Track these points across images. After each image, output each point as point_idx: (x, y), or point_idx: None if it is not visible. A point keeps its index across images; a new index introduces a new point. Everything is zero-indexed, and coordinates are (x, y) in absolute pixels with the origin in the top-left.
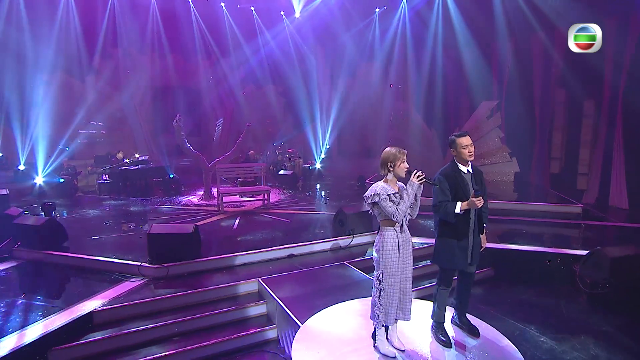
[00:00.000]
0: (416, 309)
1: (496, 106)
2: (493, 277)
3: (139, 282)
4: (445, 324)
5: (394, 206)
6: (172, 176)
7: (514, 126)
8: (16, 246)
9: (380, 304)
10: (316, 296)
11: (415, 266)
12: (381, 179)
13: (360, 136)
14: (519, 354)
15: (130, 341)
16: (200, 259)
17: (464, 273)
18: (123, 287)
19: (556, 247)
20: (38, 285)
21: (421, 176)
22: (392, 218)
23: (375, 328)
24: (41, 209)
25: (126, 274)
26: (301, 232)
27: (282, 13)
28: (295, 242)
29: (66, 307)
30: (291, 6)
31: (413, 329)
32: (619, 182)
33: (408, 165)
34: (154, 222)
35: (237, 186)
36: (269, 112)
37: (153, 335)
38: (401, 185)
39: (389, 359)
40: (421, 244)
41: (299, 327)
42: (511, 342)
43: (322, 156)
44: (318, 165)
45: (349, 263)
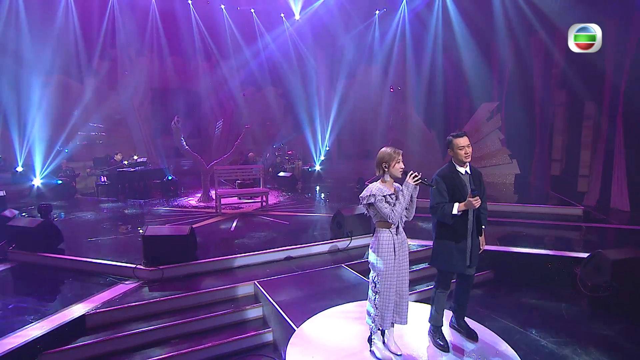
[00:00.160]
0: (413, 313)
1: (496, 108)
2: (493, 280)
3: (134, 285)
4: (443, 328)
5: (390, 207)
6: (171, 178)
7: (514, 128)
8: (11, 248)
9: (376, 307)
10: (313, 299)
11: (413, 269)
12: (378, 180)
13: (360, 138)
14: (519, 359)
15: (123, 345)
16: (196, 262)
17: (463, 276)
18: (117, 290)
19: (557, 250)
20: (31, 287)
21: (417, 177)
22: (388, 219)
23: (371, 332)
24: (37, 211)
25: (121, 277)
26: (299, 234)
27: (282, 15)
28: (293, 244)
29: (58, 310)
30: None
31: (410, 333)
32: (620, 184)
33: (404, 165)
34: (151, 224)
35: (236, 188)
36: (269, 114)
37: (146, 338)
38: (397, 186)
39: None
40: (419, 247)
41: (294, 331)
42: (510, 347)
43: (322, 158)
44: (317, 167)
45: (347, 265)
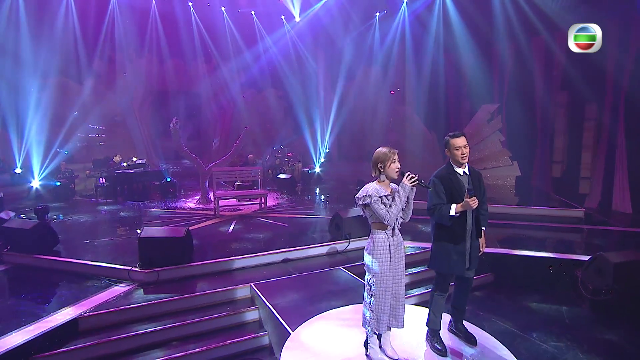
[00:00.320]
0: (411, 316)
1: (497, 109)
2: (493, 283)
3: (128, 287)
4: (441, 332)
5: (386, 209)
6: (170, 180)
7: (515, 129)
8: (5, 250)
9: (371, 311)
10: (309, 302)
11: (412, 271)
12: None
13: (360, 140)
14: None
15: (116, 348)
16: (192, 264)
17: (462, 278)
18: (111, 293)
19: (558, 252)
20: (24, 290)
21: (414, 178)
22: (384, 221)
23: (367, 336)
24: (34, 213)
25: (116, 279)
26: (297, 236)
27: (283, 17)
28: (290, 247)
29: (50, 313)
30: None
31: (407, 337)
32: (622, 186)
33: (400, 165)
34: (148, 226)
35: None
36: (269, 116)
37: (140, 342)
38: (394, 187)
39: None
40: (418, 249)
41: (290, 335)
42: (510, 351)
43: (322, 160)
44: (317, 169)
45: (345, 268)
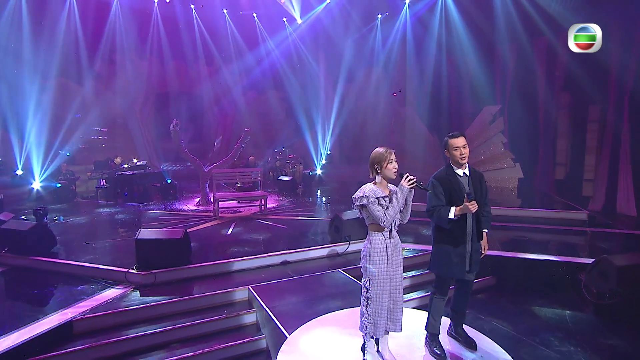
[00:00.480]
0: (409, 320)
1: (499, 111)
2: (494, 286)
3: (125, 290)
4: (440, 336)
5: (382, 210)
6: (170, 181)
7: (518, 131)
8: (3, 251)
9: (368, 314)
10: (307, 305)
11: (412, 274)
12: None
13: (361, 142)
14: None
15: (111, 351)
16: (189, 266)
17: (462, 281)
18: (107, 295)
19: (561, 255)
20: (20, 292)
21: (412, 180)
22: (380, 223)
23: (364, 340)
24: (33, 214)
25: (113, 281)
26: (297, 239)
27: (285, 19)
28: (289, 249)
29: (45, 316)
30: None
31: (405, 341)
32: (627, 188)
33: (397, 165)
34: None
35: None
36: (270, 118)
37: (135, 345)
38: (393, 188)
39: None
40: (418, 252)
41: (286, 338)
42: (511, 356)
43: (323, 162)
44: (319, 171)
45: (344, 270)
